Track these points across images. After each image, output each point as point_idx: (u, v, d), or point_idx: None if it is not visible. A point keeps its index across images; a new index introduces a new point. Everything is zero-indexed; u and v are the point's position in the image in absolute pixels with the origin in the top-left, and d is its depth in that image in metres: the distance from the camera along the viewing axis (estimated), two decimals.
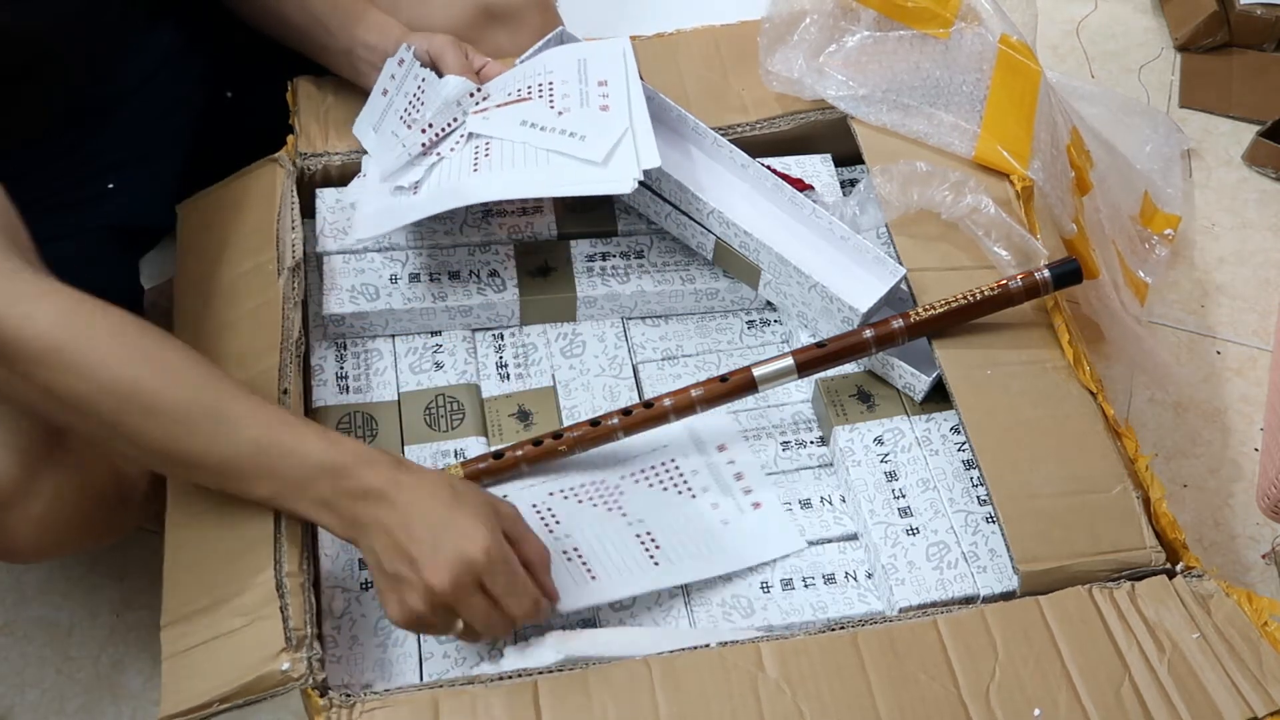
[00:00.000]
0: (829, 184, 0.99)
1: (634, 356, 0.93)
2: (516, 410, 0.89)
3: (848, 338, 0.85)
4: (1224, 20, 1.55)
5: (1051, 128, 0.99)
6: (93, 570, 1.06)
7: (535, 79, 0.92)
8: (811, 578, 0.81)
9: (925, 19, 0.99)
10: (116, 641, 1.03)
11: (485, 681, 0.70)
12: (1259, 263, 1.35)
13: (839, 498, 0.85)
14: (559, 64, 0.93)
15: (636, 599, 0.79)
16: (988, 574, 0.79)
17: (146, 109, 0.98)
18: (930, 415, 0.87)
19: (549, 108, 0.89)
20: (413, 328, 0.92)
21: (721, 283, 0.94)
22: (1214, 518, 1.14)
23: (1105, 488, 0.80)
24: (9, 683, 1.01)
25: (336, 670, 0.74)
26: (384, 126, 0.94)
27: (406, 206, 0.88)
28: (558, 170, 0.85)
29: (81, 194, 0.94)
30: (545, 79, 0.92)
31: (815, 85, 1.00)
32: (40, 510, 0.77)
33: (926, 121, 0.98)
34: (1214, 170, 1.44)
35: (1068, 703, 0.70)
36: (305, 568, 0.74)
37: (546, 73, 0.92)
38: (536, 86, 0.91)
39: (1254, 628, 0.74)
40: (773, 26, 1.01)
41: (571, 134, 0.87)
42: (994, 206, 0.89)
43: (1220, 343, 1.27)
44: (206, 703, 0.68)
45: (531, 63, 0.95)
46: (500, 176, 0.86)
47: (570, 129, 0.87)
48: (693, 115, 0.94)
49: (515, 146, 0.87)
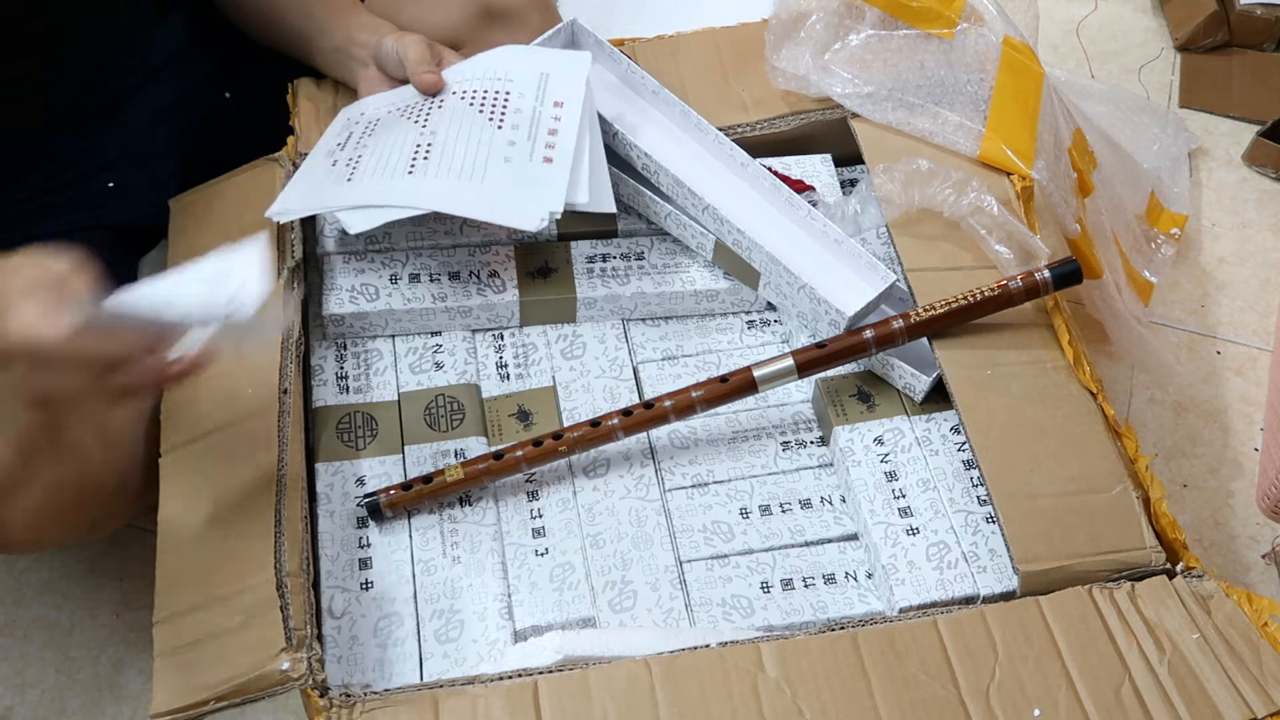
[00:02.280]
0: (829, 184, 0.99)
1: (634, 357, 0.93)
2: (516, 410, 0.89)
3: (848, 338, 0.85)
4: (1224, 20, 1.55)
5: (1054, 129, 0.99)
6: (93, 570, 1.06)
7: (494, 82, 0.91)
8: (811, 578, 0.81)
9: (929, 18, 0.99)
10: (116, 641, 1.03)
11: (485, 681, 0.70)
12: (1259, 263, 1.35)
13: (839, 498, 0.85)
14: (521, 72, 0.92)
15: (633, 581, 0.79)
16: (988, 574, 0.79)
17: (147, 109, 0.98)
18: (930, 415, 0.87)
19: (498, 126, 0.88)
20: (413, 328, 0.92)
21: (721, 284, 0.94)
22: (1214, 518, 1.14)
23: (1105, 488, 0.80)
24: (9, 683, 1.01)
25: (336, 670, 0.74)
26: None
27: (335, 190, 0.87)
28: (479, 191, 0.85)
29: (81, 193, 0.94)
30: (504, 86, 0.91)
31: (820, 82, 1.00)
32: (36, 500, 0.77)
33: (932, 120, 0.98)
34: (1214, 170, 1.44)
35: (1068, 703, 0.70)
36: (305, 568, 0.74)
37: (506, 79, 0.91)
38: (493, 94, 0.90)
39: (1254, 628, 0.74)
40: (779, 23, 1.01)
41: (507, 159, 0.86)
42: (997, 205, 0.90)
43: (1220, 343, 1.27)
44: (201, 701, 0.68)
45: (496, 60, 0.93)
46: (428, 186, 0.85)
47: (508, 155, 0.87)
48: (694, 112, 0.94)
49: (454, 157, 0.87)
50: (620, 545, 0.82)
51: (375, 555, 0.80)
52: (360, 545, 0.81)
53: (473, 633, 0.77)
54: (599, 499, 0.84)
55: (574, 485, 0.85)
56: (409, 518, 0.82)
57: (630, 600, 0.79)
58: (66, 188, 0.94)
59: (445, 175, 0.86)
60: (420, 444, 0.86)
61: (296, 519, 0.75)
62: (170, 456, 0.79)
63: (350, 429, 0.86)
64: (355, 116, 0.92)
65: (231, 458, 0.78)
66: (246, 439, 0.79)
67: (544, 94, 0.90)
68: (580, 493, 0.84)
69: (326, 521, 0.81)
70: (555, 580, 0.80)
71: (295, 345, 0.83)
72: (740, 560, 0.82)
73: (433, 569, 0.80)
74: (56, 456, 0.78)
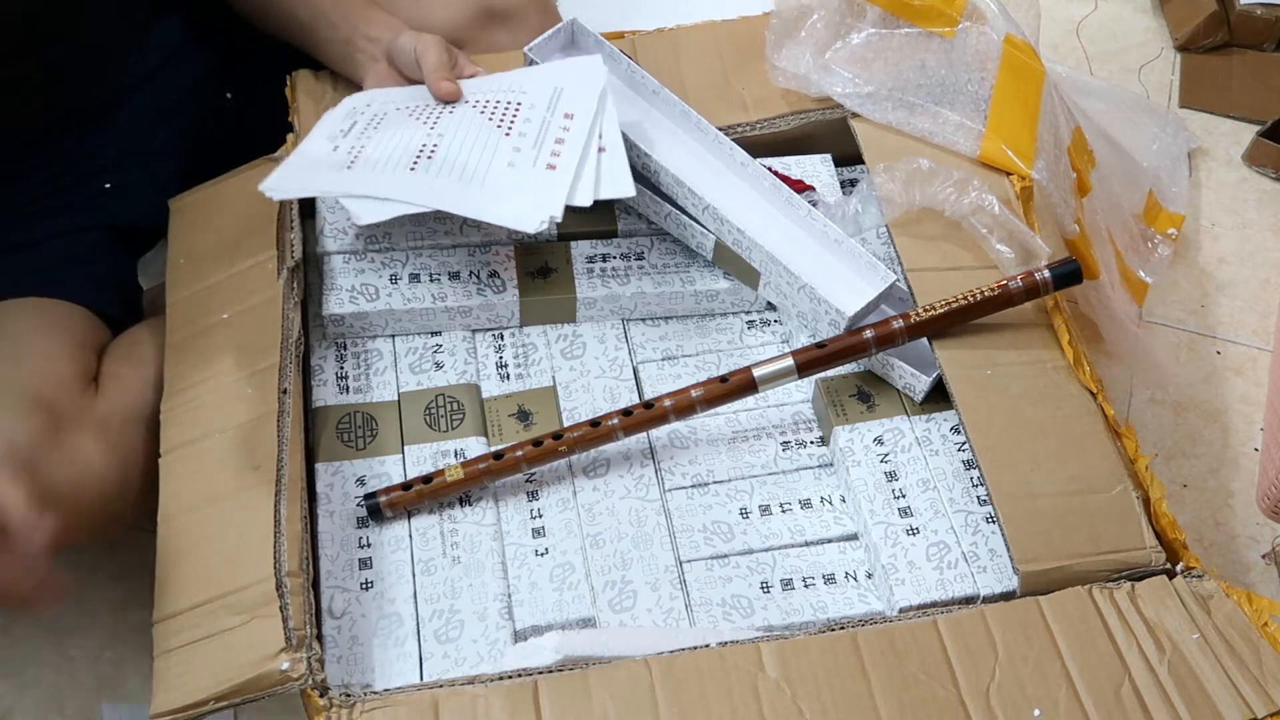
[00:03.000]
0: (829, 184, 0.99)
1: (634, 357, 0.93)
2: (516, 410, 0.89)
3: (848, 338, 0.85)
4: (1224, 20, 1.55)
5: (1055, 129, 0.99)
6: (93, 570, 1.06)
7: (508, 94, 0.92)
8: (811, 578, 0.81)
9: (931, 17, 0.99)
10: (116, 641, 1.03)
11: (485, 681, 0.70)
12: (1259, 263, 1.35)
13: (839, 498, 0.85)
14: (535, 85, 0.92)
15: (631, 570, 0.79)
16: (988, 574, 0.79)
17: (146, 108, 0.98)
18: (930, 415, 0.87)
19: (505, 133, 0.89)
20: (413, 328, 0.92)
21: (722, 284, 0.94)
22: (1214, 518, 1.14)
23: (1105, 488, 0.80)
24: (9, 683, 1.01)
25: (336, 670, 0.74)
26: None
27: (334, 175, 0.87)
28: (480, 193, 0.85)
29: (80, 194, 0.94)
30: (517, 98, 0.91)
31: (821, 82, 1.00)
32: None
33: (932, 120, 0.98)
34: (1214, 170, 1.44)
35: (1068, 703, 0.70)
36: (305, 568, 0.74)
37: (520, 91, 0.92)
38: (504, 104, 0.91)
39: (1254, 628, 0.74)
40: (780, 22, 1.01)
41: (510, 165, 0.87)
42: (998, 204, 0.90)
43: (1220, 343, 1.27)
44: (201, 700, 0.68)
45: (514, 76, 0.94)
46: (430, 184, 0.85)
47: (512, 161, 0.87)
48: (694, 111, 0.94)
49: (458, 159, 0.87)
50: (620, 545, 0.82)
51: (375, 555, 0.80)
52: (360, 545, 0.81)
53: (473, 633, 0.77)
54: (599, 499, 0.84)
55: (574, 485, 0.85)
56: (409, 518, 0.82)
57: (630, 600, 0.79)
58: (66, 189, 0.94)
59: (447, 175, 0.86)
60: (420, 444, 0.86)
61: (296, 519, 0.75)
62: (170, 456, 0.79)
63: (350, 429, 0.86)
64: (361, 106, 0.92)
65: (231, 458, 0.78)
66: (246, 439, 0.79)
67: (556, 106, 0.91)
68: (580, 493, 0.84)
69: (326, 521, 0.81)
70: (555, 580, 0.80)
71: (295, 345, 0.83)
72: (740, 560, 0.82)
73: (433, 569, 0.80)
74: (60, 459, 0.78)
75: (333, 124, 0.91)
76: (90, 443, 0.81)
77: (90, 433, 0.82)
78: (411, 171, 0.86)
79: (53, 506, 0.78)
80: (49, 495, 0.77)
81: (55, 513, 0.70)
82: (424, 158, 0.87)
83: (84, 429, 0.81)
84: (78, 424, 0.81)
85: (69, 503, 0.79)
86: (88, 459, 0.80)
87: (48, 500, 0.77)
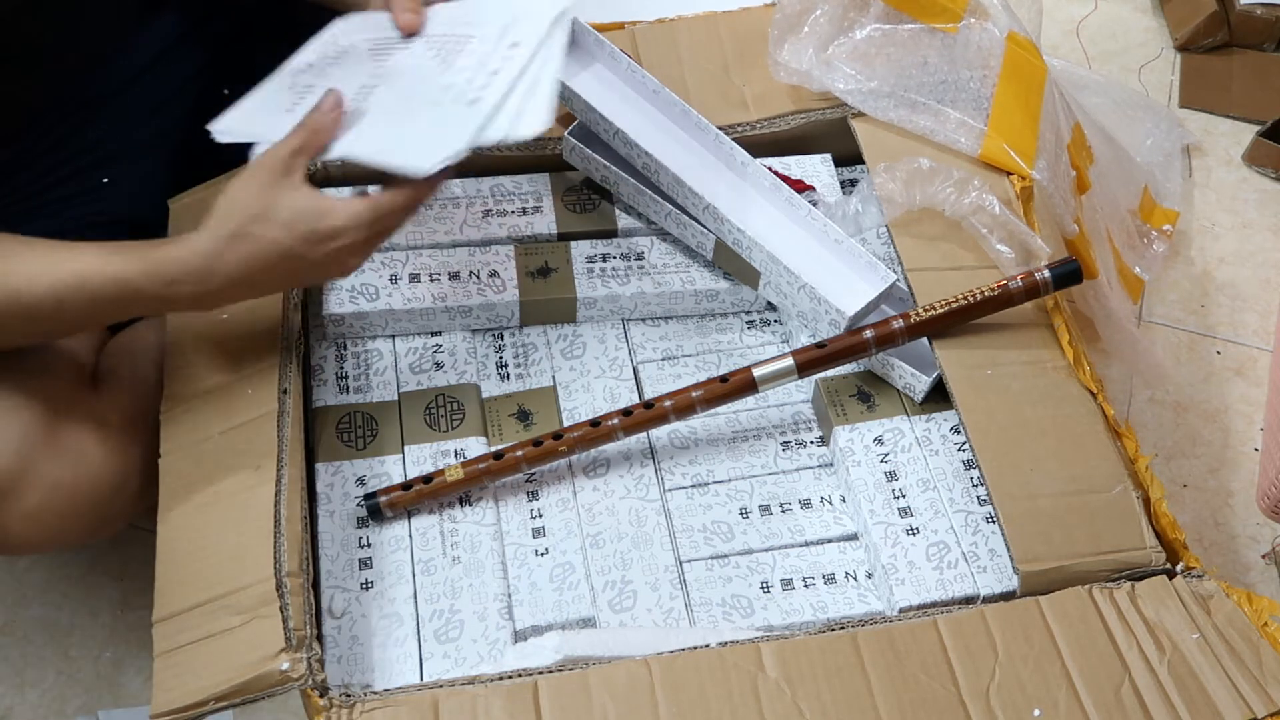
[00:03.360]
0: (829, 184, 0.99)
1: (634, 357, 0.93)
2: (516, 410, 0.89)
3: (848, 338, 0.85)
4: (1224, 20, 1.55)
5: (1055, 127, 0.99)
6: (93, 570, 1.06)
7: (464, 26, 0.86)
8: (811, 578, 0.81)
9: (934, 12, 0.98)
10: (116, 641, 1.03)
11: (485, 681, 0.70)
12: (1259, 263, 1.35)
13: (839, 498, 0.85)
14: (493, 15, 0.86)
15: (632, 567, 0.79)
16: (988, 574, 0.79)
17: (142, 102, 0.98)
18: (930, 415, 0.87)
19: (443, 70, 0.82)
20: (413, 328, 0.92)
21: (722, 284, 0.94)
22: (1214, 518, 1.14)
23: (1105, 488, 0.80)
24: (9, 683, 1.01)
25: (336, 670, 0.74)
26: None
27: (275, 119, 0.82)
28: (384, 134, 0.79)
29: (76, 188, 0.94)
30: (470, 30, 0.85)
31: (823, 78, 0.99)
32: (35, 502, 0.77)
33: (934, 118, 0.97)
34: (1214, 170, 1.44)
35: (1068, 703, 0.70)
36: (305, 568, 0.74)
37: (477, 24, 0.85)
38: (455, 37, 0.85)
39: (1254, 628, 0.74)
40: (784, 17, 1.01)
41: (435, 104, 0.80)
42: (998, 204, 0.90)
43: (1220, 343, 1.27)
44: (201, 700, 0.68)
45: (477, 6, 0.88)
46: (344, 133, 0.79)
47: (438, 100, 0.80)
48: (695, 110, 0.94)
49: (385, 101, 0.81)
50: (620, 545, 0.82)
51: (375, 555, 0.80)
52: (360, 545, 0.81)
53: (473, 633, 0.77)
54: (599, 499, 0.84)
55: (574, 485, 0.85)
56: (409, 518, 0.82)
57: (630, 600, 0.79)
58: (60, 185, 0.93)
59: (365, 120, 0.80)
60: (420, 444, 0.86)
61: (296, 519, 0.75)
62: (170, 457, 0.79)
63: (350, 429, 0.86)
64: (336, 36, 0.88)
65: (231, 458, 0.78)
66: (246, 439, 0.79)
67: (504, 38, 0.84)
68: (580, 493, 0.84)
69: (326, 521, 0.81)
70: (555, 580, 0.80)
71: (295, 345, 0.83)
72: (740, 560, 0.82)
73: (433, 569, 0.80)
74: (58, 458, 0.78)
75: (305, 56, 0.87)
76: (89, 441, 0.81)
77: (89, 430, 0.82)
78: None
79: (52, 505, 0.78)
80: (48, 494, 0.78)
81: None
82: (358, 101, 0.81)
83: (82, 427, 0.81)
84: (76, 421, 0.81)
85: (66, 500, 0.79)
86: (86, 457, 0.80)
87: (48, 498, 0.78)
